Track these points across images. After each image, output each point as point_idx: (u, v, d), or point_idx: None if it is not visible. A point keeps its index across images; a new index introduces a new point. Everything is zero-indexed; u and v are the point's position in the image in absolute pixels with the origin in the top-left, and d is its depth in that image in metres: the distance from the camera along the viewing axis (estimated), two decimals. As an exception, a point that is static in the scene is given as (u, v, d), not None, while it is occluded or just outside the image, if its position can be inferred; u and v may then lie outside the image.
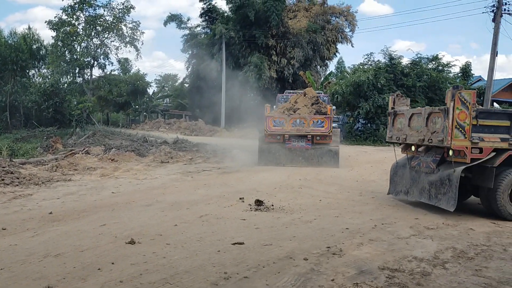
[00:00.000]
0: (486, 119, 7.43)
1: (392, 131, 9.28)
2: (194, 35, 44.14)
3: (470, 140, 7.30)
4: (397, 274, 4.73)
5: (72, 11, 41.65)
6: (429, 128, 7.94)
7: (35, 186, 10.20)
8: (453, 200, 7.36)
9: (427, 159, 8.33)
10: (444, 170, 7.75)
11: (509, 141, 7.43)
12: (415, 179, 8.60)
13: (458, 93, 7.24)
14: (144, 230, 6.23)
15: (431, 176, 8.07)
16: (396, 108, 9.26)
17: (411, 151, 8.86)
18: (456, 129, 7.26)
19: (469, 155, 7.34)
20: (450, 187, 7.44)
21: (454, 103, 7.24)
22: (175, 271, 4.62)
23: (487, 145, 7.38)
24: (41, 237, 5.89)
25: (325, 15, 41.68)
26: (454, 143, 7.28)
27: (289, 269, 4.79)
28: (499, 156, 7.37)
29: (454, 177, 7.40)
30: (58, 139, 22.81)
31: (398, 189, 9.16)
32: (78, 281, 4.29)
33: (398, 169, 9.27)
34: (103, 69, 46.00)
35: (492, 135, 7.43)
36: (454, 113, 7.24)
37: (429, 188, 8.05)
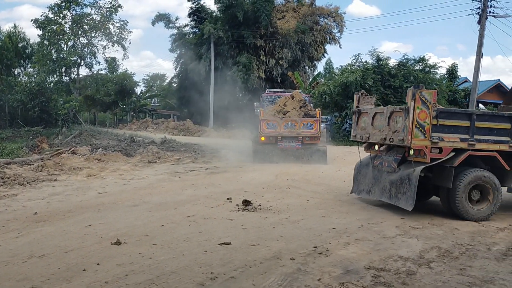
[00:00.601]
0: (446, 119, 7.42)
1: (356, 130, 9.23)
2: (182, 34, 44.00)
3: (430, 139, 7.28)
4: (382, 273, 4.76)
5: (58, 10, 41.13)
6: (391, 127, 7.90)
7: (20, 186, 10.06)
8: (411, 200, 7.36)
9: (388, 158, 8.33)
10: (405, 169, 7.76)
11: (469, 142, 7.42)
12: (377, 178, 8.60)
13: (419, 92, 7.21)
14: (130, 231, 6.18)
15: (392, 176, 8.07)
16: (360, 107, 9.24)
17: (374, 150, 8.85)
18: (416, 128, 7.23)
19: (428, 154, 7.32)
20: (410, 187, 7.45)
21: (415, 103, 7.20)
22: (161, 272, 4.60)
23: (447, 145, 7.37)
24: (26, 237, 5.81)
25: (314, 15, 41.85)
26: (414, 143, 7.25)
27: (275, 269, 4.80)
28: (458, 156, 7.38)
29: (413, 177, 7.39)
30: (44, 138, 22.50)
31: (361, 188, 9.14)
32: (63, 282, 4.25)
33: (361, 168, 9.26)
34: (90, 69, 45.48)
35: (452, 135, 7.42)
36: (415, 112, 7.20)
37: (389, 187, 8.05)
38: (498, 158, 7.53)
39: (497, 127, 7.62)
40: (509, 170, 7.68)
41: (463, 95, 32.44)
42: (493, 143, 7.55)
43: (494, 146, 7.56)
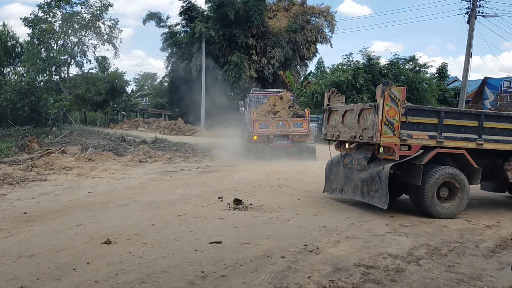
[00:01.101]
0: (415, 116, 7.39)
1: (327, 128, 9.19)
2: (174, 33, 43.85)
3: (399, 137, 7.24)
4: (372, 270, 4.80)
5: (48, 8, 40.81)
6: (361, 124, 7.86)
7: (9, 186, 9.99)
8: (385, 198, 7.33)
9: (359, 156, 8.30)
10: (374, 167, 7.72)
11: (437, 139, 7.41)
12: (348, 177, 8.52)
13: (388, 89, 7.16)
14: (120, 230, 6.17)
15: (362, 174, 8.02)
16: (331, 105, 9.17)
17: (345, 148, 8.84)
18: (386, 125, 7.18)
19: (397, 152, 7.29)
20: (381, 184, 7.41)
21: (384, 100, 7.15)
22: (152, 271, 4.60)
23: (416, 142, 7.35)
24: (15, 237, 5.78)
25: (305, 15, 41.95)
26: (383, 140, 7.23)
27: (266, 267, 4.82)
28: (427, 154, 7.39)
29: (383, 174, 7.37)
30: (34, 138, 22.34)
31: (333, 187, 9.06)
32: (52, 282, 4.24)
33: (332, 167, 9.17)
34: (80, 68, 45.19)
35: (420, 132, 7.40)
36: (384, 109, 7.15)
37: (361, 185, 7.99)
38: (466, 156, 7.54)
39: (464, 125, 7.63)
40: (476, 168, 7.70)
41: (453, 94, 32.67)
42: (461, 141, 7.57)
43: (462, 143, 7.57)
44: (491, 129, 7.74)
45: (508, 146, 7.85)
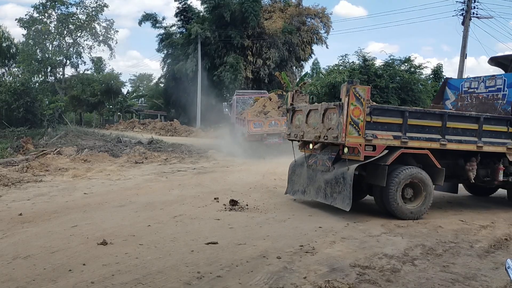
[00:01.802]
0: (379, 116, 7.30)
1: (291, 128, 8.97)
2: (169, 34, 43.77)
3: (364, 137, 7.13)
4: (367, 271, 4.83)
5: (43, 9, 40.74)
6: (325, 124, 7.71)
7: (4, 187, 9.95)
8: (348, 199, 7.18)
9: (323, 157, 8.12)
10: (339, 168, 7.57)
11: (402, 139, 7.35)
12: (311, 178, 8.32)
13: (353, 88, 7.03)
14: (116, 231, 6.16)
15: (326, 175, 7.84)
16: (295, 104, 8.97)
17: (309, 149, 8.65)
18: (351, 125, 7.05)
19: (362, 152, 7.17)
20: (345, 186, 7.26)
21: (349, 99, 7.02)
22: (148, 272, 4.60)
23: (380, 143, 7.26)
24: (10, 238, 5.76)
25: (301, 16, 42.01)
26: (348, 140, 7.09)
27: (262, 268, 4.83)
28: (391, 154, 7.29)
29: (348, 176, 7.22)
30: (29, 139, 22.21)
31: (296, 188, 8.84)
32: (48, 283, 4.23)
33: (296, 168, 8.98)
34: (76, 68, 45.18)
35: (385, 133, 7.32)
36: (349, 109, 7.03)
37: (325, 187, 7.81)
38: (430, 156, 7.52)
39: (428, 125, 7.61)
40: (440, 168, 7.67)
41: (448, 95, 32.84)
42: (425, 141, 7.55)
43: (426, 144, 7.55)
44: (454, 129, 7.76)
45: (471, 146, 7.86)
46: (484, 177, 8.50)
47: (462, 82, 10.09)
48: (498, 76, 9.32)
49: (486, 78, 9.49)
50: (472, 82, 9.74)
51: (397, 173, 7.35)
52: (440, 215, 8.00)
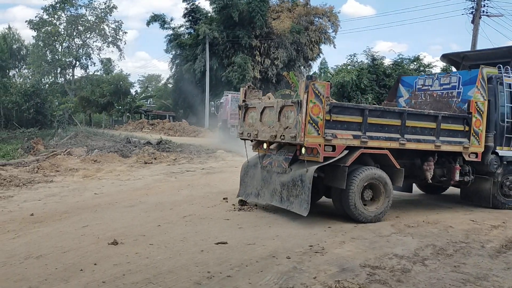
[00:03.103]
0: (339, 114, 6.89)
1: (244, 126, 8.34)
2: (178, 35, 43.94)
3: (324, 137, 6.69)
4: (378, 271, 4.81)
5: (53, 11, 41.12)
6: (282, 123, 7.17)
7: (16, 188, 10.06)
8: (306, 204, 6.73)
9: (279, 157, 7.63)
10: (297, 170, 7.10)
11: (361, 139, 6.98)
12: (266, 180, 7.80)
13: (312, 84, 6.56)
14: (127, 231, 6.21)
15: (283, 177, 7.35)
16: (247, 101, 8.38)
17: (263, 149, 8.12)
18: (310, 124, 6.58)
19: (322, 153, 6.74)
20: (303, 189, 6.79)
21: (308, 96, 6.54)
22: (158, 271, 4.63)
23: (340, 143, 6.86)
24: (22, 238, 5.83)
25: (308, 15, 41.97)
26: (307, 140, 6.61)
27: (272, 268, 4.84)
28: (351, 155, 6.94)
29: (306, 178, 6.76)
30: (40, 140, 22.46)
31: (249, 191, 8.26)
32: (60, 283, 4.27)
33: (249, 169, 8.41)
34: (85, 70, 45.55)
35: (345, 132, 6.93)
36: (308, 106, 6.54)
37: (281, 190, 7.32)
38: (389, 156, 7.25)
39: (388, 124, 7.30)
40: (399, 169, 7.41)
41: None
42: (385, 141, 7.23)
43: (385, 143, 7.24)
44: (413, 128, 7.50)
45: (429, 145, 7.63)
46: (441, 176, 8.29)
47: (416, 79, 9.89)
48: (453, 73, 9.14)
49: (441, 76, 9.32)
50: (426, 80, 9.55)
51: (356, 174, 7.02)
52: (450, 215, 7.95)
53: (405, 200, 9.30)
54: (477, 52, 10.42)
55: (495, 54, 9.81)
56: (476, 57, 10.24)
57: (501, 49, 9.81)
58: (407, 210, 8.36)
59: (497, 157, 8.50)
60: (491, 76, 8.45)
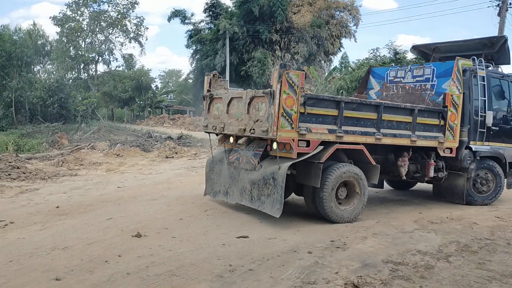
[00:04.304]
0: (314, 106, 6.40)
1: (208, 118, 7.78)
2: (198, 30, 44.12)
3: (297, 131, 6.18)
4: (400, 267, 4.77)
5: (76, 7, 41.77)
6: (251, 115, 6.58)
7: (41, 181, 10.30)
8: (278, 204, 6.22)
9: (247, 153, 7.06)
10: (268, 167, 6.57)
11: (337, 133, 6.53)
12: (234, 177, 7.26)
13: (286, 73, 6.00)
14: (150, 224, 6.29)
15: (252, 174, 6.80)
16: (212, 90, 7.77)
17: (229, 143, 7.60)
18: (283, 117, 6.03)
19: (295, 148, 6.23)
20: (275, 188, 6.27)
21: (281, 86, 5.99)
22: (181, 264, 4.68)
23: (315, 137, 6.36)
24: (49, 230, 5.96)
25: (329, 9, 41.57)
26: (280, 134, 6.07)
27: (293, 262, 4.84)
28: (326, 150, 6.46)
29: (279, 176, 6.22)
30: (64, 134, 22.96)
31: (216, 189, 7.77)
32: (86, 273, 4.36)
33: (214, 165, 7.89)
34: (107, 65, 46.19)
35: (320, 126, 6.44)
36: (281, 97, 6.00)
37: (250, 188, 6.78)
38: (365, 152, 6.84)
39: (364, 117, 6.88)
40: (375, 165, 7.00)
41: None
42: (361, 135, 6.81)
43: (361, 138, 6.82)
44: (389, 122, 7.14)
45: (405, 140, 7.30)
46: (414, 173, 8.04)
47: (388, 70, 9.48)
48: (427, 65, 8.80)
49: (414, 67, 8.98)
50: (399, 71, 9.20)
51: (331, 171, 6.57)
52: (475, 212, 7.81)
53: (427, 196, 9.17)
54: (448, 43, 9.91)
55: (466, 46, 9.44)
56: (447, 48, 9.85)
57: (473, 40, 9.38)
58: (429, 206, 8.25)
59: (470, 152, 8.24)
60: (465, 68, 8.18)
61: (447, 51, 9.77)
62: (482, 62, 8.42)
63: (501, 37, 8.83)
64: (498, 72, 8.98)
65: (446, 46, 9.86)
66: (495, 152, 8.63)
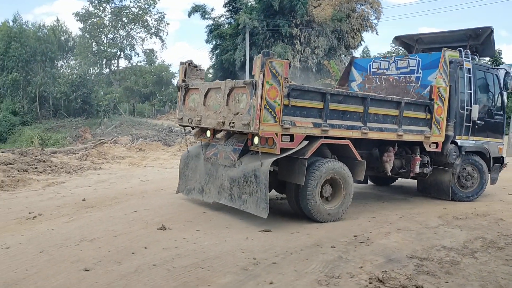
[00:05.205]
0: (298, 98, 6.00)
1: (183, 111, 7.32)
2: (218, 25, 44.22)
3: (281, 125, 5.77)
4: (426, 262, 4.73)
5: (98, 3, 42.29)
6: (231, 108, 6.17)
7: (67, 174, 10.52)
8: (263, 203, 5.79)
9: (226, 148, 6.65)
10: (249, 163, 6.14)
11: (322, 127, 6.16)
12: (211, 174, 6.81)
13: (269, 62, 5.59)
14: (174, 217, 6.38)
15: (232, 171, 6.36)
16: (188, 81, 7.32)
17: (206, 137, 7.22)
18: (266, 110, 5.62)
19: (279, 144, 5.82)
20: (258, 186, 5.86)
21: (264, 76, 5.57)
22: (206, 256, 4.74)
23: (299, 132, 5.97)
24: (76, 222, 6.10)
25: (350, 2, 41.06)
26: (263, 128, 5.65)
27: (316, 256, 4.85)
28: (310, 145, 6.08)
29: (261, 173, 5.81)
30: (87, 129, 23.39)
31: (190, 186, 7.32)
32: (114, 264, 4.46)
33: (189, 161, 7.44)
34: (129, 60, 46.72)
35: (304, 119, 6.05)
36: (264, 88, 5.57)
37: (230, 186, 6.35)
38: (351, 147, 6.50)
39: (350, 110, 6.53)
40: (361, 161, 6.69)
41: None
42: (347, 129, 6.45)
43: (347, 132, 6.46)
44: (375, 116, 6.81)
45: (391, 135, 7.00)
46: (400, 168, 7.80)
47: (370, 62, 9.10)
48: (412, 56, 8.47)
49: (398, 59, 8.65)
50: (382, 63, 8.87)
51: (316, 168, 6.18)
52: (500, 207, 7.68)
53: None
54: (432, 34, 9.51)
55: (451, 37, 9.14)
56: (430, 40, 9.54)
57: (457, 32, 9.04)
58: (454, 202, 8.13)
59: (456, 147, 8.04)
60: (451, 60, 7.93)
61: (431, 42, 9.52)
62: (468, 53, 8.19)
63: (487, 28, 8.50)
64: (483, 64, 8.77)
65: (430, 37, 9.55)
66: (480, 147, 8.46)
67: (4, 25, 37.97)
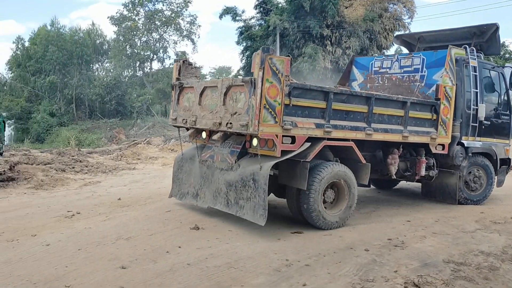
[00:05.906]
0: (300, 97, 5.67)
1: (178, 111, 7.02)
2: (249, 27, 44.38)
3: (282, 125, 5.46)
4: (463, 267, 4.62)
5: (132, 7, 43.19)
6: (228, 107, 5.87)
7: (102, 174, 10.81)
8: (261, 209, 5.44)
9: (223, 150, 6.35)
10: (247, 166, 5.83)
11: (325, 128, 5.85)
12: (206, 178, 6.50)
13: (269, 59, 5.29)
14: (206, 217, 6.46)
15: (228, 174, 6.06)
16: (182, 79, 7.00)
17: (201, 139, 6.87)
18: (265, 109, 5.31)
19: (279, 146, 5.50)
20: (256, 191, 5.52)
21: (264, 73, 5.27)
22: (239, 256, 4.78)
23: (301, 133, 5.65)
24: (112, 221, 6.26)
25: (383, 2, 40.38)
26: (263, 129, 5.33)
27: (350, 259, 4.81)
28: (313, 148, 5.77)
29: (261, 177, 5.48)
30: (121, 130, 23.91)
31: (184, 190, 7.01)
32: (149, 263, 4.56)
33: (183, 163, 7.12)
34: (161, 63, 47.42)
35: (306, 120, 5.74)
36: (264, 87, 5.27)
37: (226, 190, 6.04)
38: (355, 149, 6.19)
39: (354, 110, 6.23)
40: (365, 164, 6.38)
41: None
42: (350, 130, 6.14)
43: (351, 133, 6.15)
44: (380, 116, 6.51)
45: (396, 136, 6.69)
46: (404, 171, 7.48)
47: (372, 60, 8.75)
48: (416, 54, 8.09)
49: (401, 57, 8.31)
50: (384, 61, 8.54)
51: (319, 171, 5.86)
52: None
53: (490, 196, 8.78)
54: (434, 32, 9.14)
55: (454, 35, 8.77)
56: (433, 38, 9.19)
57: (461, 29, 8.67)
58: (491, 206, 7.91)
59: (462, 149, 7.70)
60: (457, 58, 7.59)
61: (433, 40, 9.21)
62: (474, 51, 7.89)
63: (492, 25, 8.14)
64: (489, 62, 8.43)
65: (432, 36, 9.23)
66: (487, 148, 8.14)
67: (42, 30, 39.32)
